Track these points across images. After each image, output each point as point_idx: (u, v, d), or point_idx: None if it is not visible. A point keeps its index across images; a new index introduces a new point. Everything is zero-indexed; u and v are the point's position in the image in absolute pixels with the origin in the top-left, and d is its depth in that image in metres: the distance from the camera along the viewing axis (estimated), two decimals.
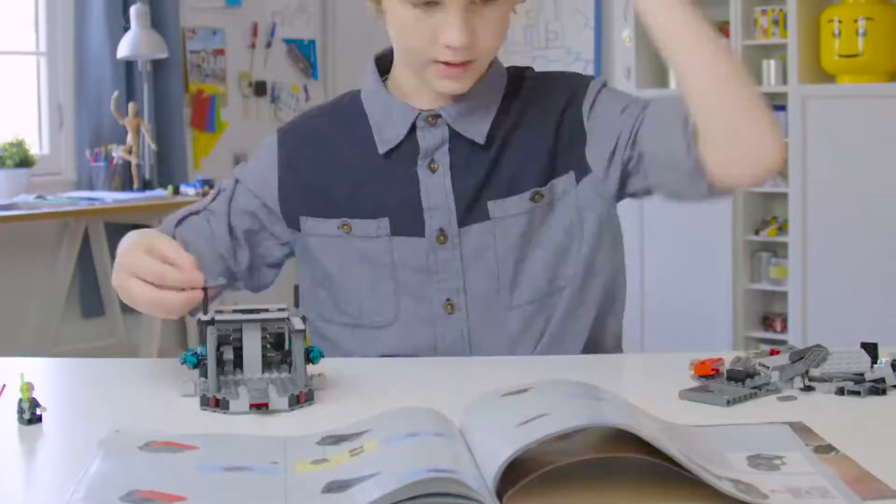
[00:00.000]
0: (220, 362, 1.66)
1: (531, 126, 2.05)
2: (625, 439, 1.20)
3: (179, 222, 2.09)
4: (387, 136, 2.04)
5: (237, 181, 2.14)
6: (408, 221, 2.02)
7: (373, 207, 2.03)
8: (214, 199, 2.13)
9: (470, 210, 2.01)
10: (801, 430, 1.42)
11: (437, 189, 2.01)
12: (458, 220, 2.01)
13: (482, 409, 1.33)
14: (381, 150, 2.04)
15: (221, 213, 2.10)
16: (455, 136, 2.02)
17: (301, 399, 1.62)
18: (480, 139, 2.01)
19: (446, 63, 1.93)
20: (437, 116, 2.02)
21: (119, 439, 1.37)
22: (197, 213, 2.11)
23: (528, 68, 2.16)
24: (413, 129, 2.03)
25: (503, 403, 1.31)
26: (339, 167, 2.07)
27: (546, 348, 2.00)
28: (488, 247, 2.01)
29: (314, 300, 2.12)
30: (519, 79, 2.11)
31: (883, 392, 1.64)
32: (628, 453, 1.19)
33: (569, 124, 2.04)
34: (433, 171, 2.02)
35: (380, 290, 2.03)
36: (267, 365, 1.72)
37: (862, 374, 1.67)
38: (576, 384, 1.33)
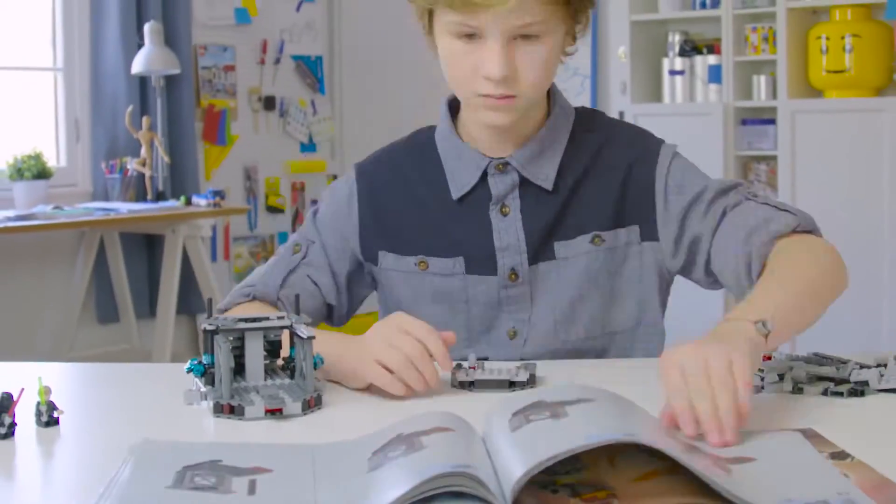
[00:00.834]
0: None
1: (599, 175, 2.05)
2: (650, 455, 1.17)
3: (283, 284, 2.06)
4: (459, 181, 2.05)
5: (318, 230, 2.13)
6: (481, 260, 2.03)
7: (448, 246, 2.04)
8: (305, 254, 2.10)
9: (539, 250, 2.03)
10: (812, 436, 1.39)
11: (508, 231, 2.02)
12: (529, 259, 2.02)
13: (503, 419, 1.29)
14: (455, 195, 2.05)
15: (321, 263, 2.10)
16: (524, 182, 2.03)
17: (312, 404, 1.62)
18: (548, 185, 2.02)
19: (488, 95, 1.92)
20: (507, 164, 2.02)
21: (150, 453, 1.34)
22: (293, 270, 2.08)
23: (599, 114, 2.17)
24: (484, 175, 2.03)
25: (521, 416, 1.27)
26: (415, 205, 2.08)
27: None
28: (554, 284, 2.03)
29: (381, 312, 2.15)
30: (589, 122, 2.11)
31: (861, 394, 1.65)
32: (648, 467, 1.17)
33: (636, 183, 2.04)
34: (505, 214, 2.03)
35: (451, 325, 2.00)
36: (266, 372, 1.72)
37: (846, 378, 1.69)
38: (597, 393, 1.29)
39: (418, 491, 1.08)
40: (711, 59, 6.10)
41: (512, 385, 1.72)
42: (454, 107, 2.11)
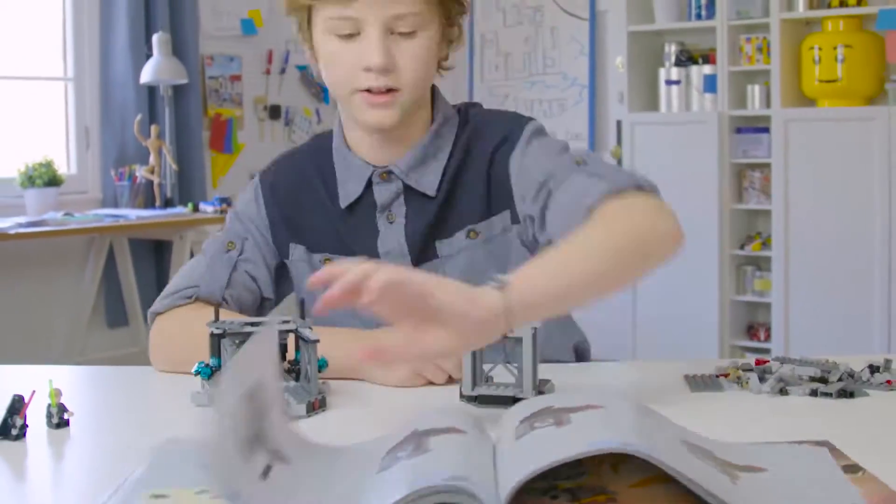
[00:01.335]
0: None
1: (469, 168, 2.02)
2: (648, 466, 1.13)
3: (228, 283, 2.04)
4: (346, 190, 2.04)
5: (244, 226, 2.12)
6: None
7: (345, 249, 2.02)
8: (242, 250, 2.09)
9: (422, 252, 2.01)
10: (830, 450, 1.33)
11: (391, 236, 2.02)
12: (413, 261, 2.00)
13: (511, 426, 1.26)
14: (343, 203, 2.03)
15: (256, 258, 2.09)
16: (408, 189, 2.01)
17: (316, 406, 1.62)
18: (431, 191, 2.00)
19: (370, 91, 1.90)
20: (390, 172, 2.00)
21: (170, 451, 1.34)
22: (235, 268, 2.06)
23: (475, 105, 2.14)
24: (370, 183, 2.02)
25: (533, 419, 1.24)
26: (316, 208, 2.07)
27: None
28: None
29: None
30: (465, 118, 2.08)
31: (851, 395, 1.64)
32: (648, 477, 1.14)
33: (499, 166, 2.00)
34: (391, 221, 2.02)
35: (359, 314, 2.00)
36: None
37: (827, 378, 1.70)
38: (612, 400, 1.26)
39: (408, 500, 1.07)
40: (707, 69, 6.10)
41: (515, 401, 1.67)
42: None
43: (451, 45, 2.03)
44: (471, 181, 2.01)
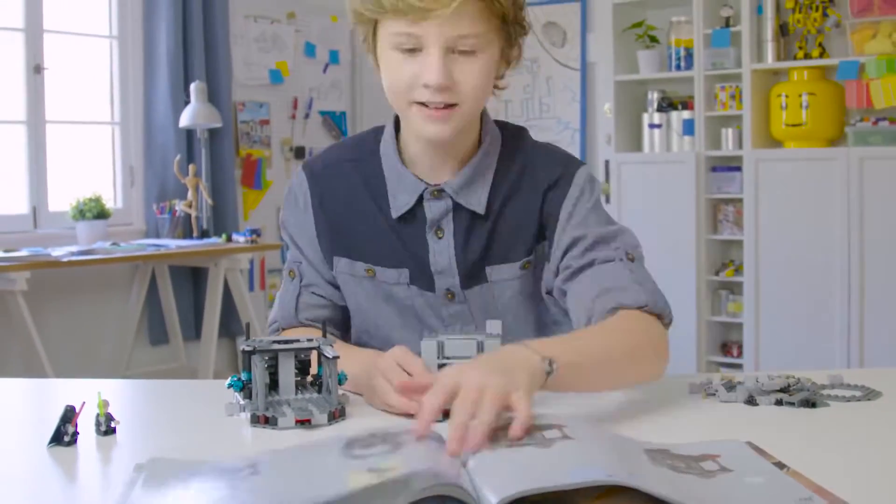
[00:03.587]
0: None
1: (522, 197, 1.94)
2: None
3: (297, 310, 2.00)
4: (398, 202, 1.94)
5: (298, 248, 2.03)
6: (421, 277, 1.94)
7: (392, 258, 1.95)
8: (301, 275, 2.02)
9: (471, 275, 1.94)
10: (754, 448, 1.35)
11: (442, 254, 1.93)
12: (462, 282, 1.94)
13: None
14: (394, 214, 1.94)
15: (316, 278, 2.02)
16: (457, 207, 1.92)
17: (336, 415, 1.62)
18: (480, 209, 1.92)
19: (426, 105, 1.81)
20: (441, 190, 1.92)
21: (159, 468, 1.32)
22: (299, 294, 2.01)
23: (524, 133, 2.04)
24: (420, 199, 1.93)
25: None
26: (361, 215, 1.97)
27: None
28: (489, 304, 1.95)
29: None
30: (514, 141, 2.00)
31: (813, 405, 1.64)
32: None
33: (551, 206, 1.93)
34: (439, 237, 1.93)
35: (406, 325, 1.97)
36: (297, 387, 1.72)
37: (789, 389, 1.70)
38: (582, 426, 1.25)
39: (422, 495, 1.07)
40: (685, 114, 6.10)
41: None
42: (399, 126, 2.00)
43: (509, 66, 1.93)
44: (522, 211, 1.93)
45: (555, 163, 1.97)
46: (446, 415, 1.29)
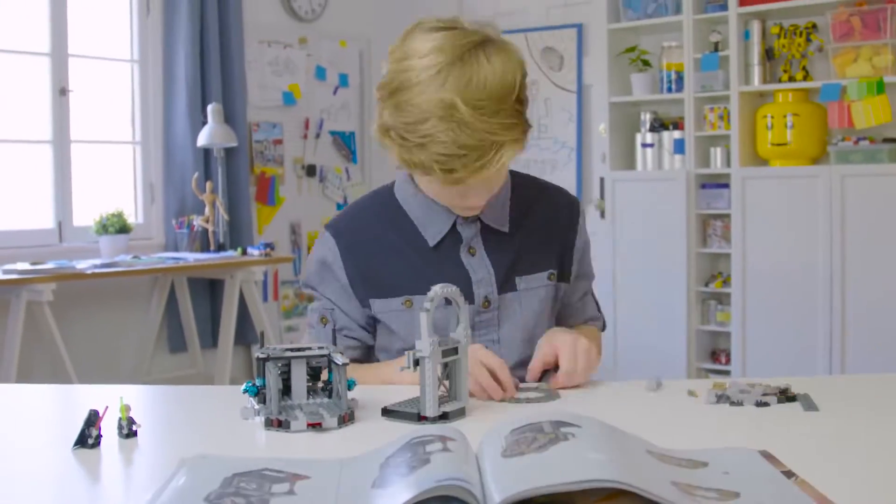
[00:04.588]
0: None
1: (540, 220, 2.15)
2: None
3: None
4: (432, 230, 2.07)
5: (328, 297, 2.12)
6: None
7: (427, 285, 1.92)
8: (334, 321, 2.12)
9: (504, 282, 2.08)
10: (767, 457, 1.32)
11: (480, 266, 2.07)
12: (497, 289, 2.07)
13: (496, 441, 1.24)
14: (431, 242, 2.07)
15: (348, 323, 2.11)
16: (484, 227, 2.08)
17: (346, 419, 1.62)
18: (505, 228, 2.10)
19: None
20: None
21: (202, 464, 1.32)
22: (334, 341, 2.10)
23: (530, 176, 2.24)
24: (454, 223, 2.07)
25: (519, 441, 1.21)
26: (392, 253, 2.07)
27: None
28: (517, 311, 2.09)
29: (381, 349, 2.15)
30: (521, 178, 2.19)
31: (794, 399, 1.67)
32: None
33: (567, 233, 2.19)
34: (472, 254, 2.07)
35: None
36: (308, 392, 1.72)
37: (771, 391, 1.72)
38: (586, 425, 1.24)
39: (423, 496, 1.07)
40: (676, 134, 6.10)
41: (420, 418, 1.65)
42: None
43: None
44: (545, 231, 2.15)
45: (557, 192, 2.24)
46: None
